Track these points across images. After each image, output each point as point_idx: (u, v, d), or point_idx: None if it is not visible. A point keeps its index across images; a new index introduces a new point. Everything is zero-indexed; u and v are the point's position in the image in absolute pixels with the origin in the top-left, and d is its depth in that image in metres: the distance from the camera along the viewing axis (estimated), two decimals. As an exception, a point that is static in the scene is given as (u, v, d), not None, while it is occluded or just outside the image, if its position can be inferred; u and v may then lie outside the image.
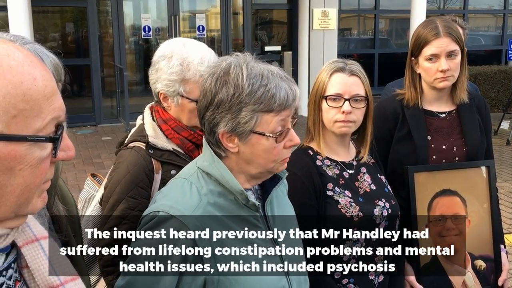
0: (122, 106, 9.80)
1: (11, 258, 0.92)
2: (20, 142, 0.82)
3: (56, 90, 0.88)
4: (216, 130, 1.37)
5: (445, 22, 2.23)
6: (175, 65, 1.85)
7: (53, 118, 0.87)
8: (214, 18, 11.78)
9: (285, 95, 1.35)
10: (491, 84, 11.51)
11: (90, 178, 2.18)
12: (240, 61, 1.38)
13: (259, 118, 1.34)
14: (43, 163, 0.87)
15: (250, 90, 1.33)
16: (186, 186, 1.41)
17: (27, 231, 0.95)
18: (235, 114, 1.34)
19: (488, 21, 15.57)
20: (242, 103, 1.33)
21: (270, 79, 1.35)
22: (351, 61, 1.97)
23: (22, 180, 0.84)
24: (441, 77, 2.19)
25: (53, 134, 0.87)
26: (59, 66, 1.41)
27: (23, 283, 0.93)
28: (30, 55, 0.87)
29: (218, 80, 1.36)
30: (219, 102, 1.35)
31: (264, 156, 1.38)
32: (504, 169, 7.46)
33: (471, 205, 2.24)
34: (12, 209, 0.86)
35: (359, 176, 2.00)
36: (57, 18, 10.80)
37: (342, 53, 11.30)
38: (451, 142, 2.28)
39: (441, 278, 2.20)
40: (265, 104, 1.33)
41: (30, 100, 0.83)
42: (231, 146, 1.38)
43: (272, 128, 1.36)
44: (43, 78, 0.86)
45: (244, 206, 1.41)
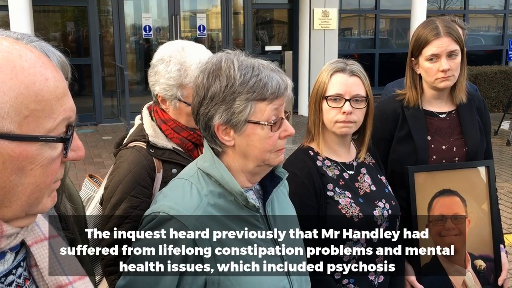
0: (122, 105, 9.81)
1: (20, 256, 0.94)
2: (32, 142, 0.83)
3: (67, 91, 0.89)
4: (211, 123, 1.39)
5: (445, 22, 2.23)
6: (173, 70, 1.86)
7: (64, 118, 0.87)
8: (214, 17, 11.79)
9: (276, 84, 1.37)
10: (492, 84, 11.50)
11: (88, 179, 2.18)
12: (230, 56, 1.40)
13: (253, 107, 1.36)
14: (54, 163, 0.87)
15: (242, 80, 1.35)
16: (187, 186, 1.41)
17: (36, 230, 0.96)
18: (229, 104, 1.35)
19: (488, 21, 15.57)
20: (236, 93, 1.35)
21: (261, 70, 1.37)
22: (352, 61, 1.97)
23: (33, 180, 0.85)
24: (442, 77, 2.19)
25: (64, 134, 0.88)
26: (65, 64, 1.42)
27: (32, 282, 0.94)
28: (42, 56, 0.88)
29: (210, 75, 1.38)
30: (213, 95, 1.37)
31: (259, 146, 1.39)
32: (504, 169, 7.47)
33: (471, 205, 2.25)
34: (22, 208, 0.87)
35: (359, 177, 2.00)
36: (57, 18, 10.80)
37: (342, 53, 11.31)
38: (451, 143, 2.29)
39: (441, 278, 2.20)
40: (258, 92, 1.35)
41: (42, 100, 0.83)
42: (227, 139, 1.39)
43: (266, 117, 1.37)
44: (55, 79, 0.87)
45: (244, 207, 1.41)
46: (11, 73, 0.81)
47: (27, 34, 1.40)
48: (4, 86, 0.80)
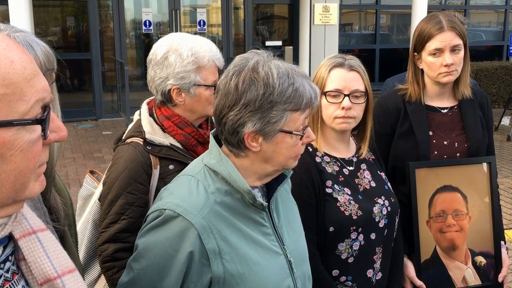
0: (122, 100, 9.79)
1: (8, 250, 0.92)
2: (7, 128, 0.81)
3: (37, 72, 0.86)
4: (242, 130, 1.33)
5: (448, 17, 2.22)
6: (189, 55, 1.85)
7: (38, 100, 0.85)
8: (215, 12, 11.76)
9: (309, 93, 1.35)
10: (492, 80, 11.48)
11: (88, 175, 2.17)
12: (265, 59, 1.36)
13: (288, 117, 1.33)
14: (35, 146, 0.85)
15: (280, 89, 1.31)
16: (193, 183, 1.39)
17: (24, 224, 0.94)
18: (265, 113, 1.31)
19: (489, 16, 15.53)
20: (273, 102, 1.31)
21: (295, 78, 1.34)
22: (350, 56, 1.95)
23: (15, 166, 0.83)
24: (445, 71, 2.18)
25: (40, 115, 0.85)
26: (50, 54, 1.39)
27: (20, 276, 0.92)
28: (6, 39, 0.85)
29: (246, 79, 1.32)
30: (248, 101, 1.31)
31: (285, 153, 1.38)
32: (504, 165, 7.47)
33: (472, 201, 2.24)
34: (9, 195, 0.85)
35: (359, 172, 1.99)
36: (57, 12, 10.77)
37: (343, 48, 11.28)
38: (452, 138, 2.28)
39: (442, 274, 2.20)
40: (295, 103, 1.33)
41: (10, 84, 0.81)
42: (254, 145, 1.36)
43: (298, 126, 1.36)
44: (21, 60, 0.84)
45: (251, 205, 1.39)
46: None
47: (10, 25, 1.39)
48: None
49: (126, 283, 1.37)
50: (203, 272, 1.31)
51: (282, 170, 1.45)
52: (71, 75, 10.75)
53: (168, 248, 1.31)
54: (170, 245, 1.31)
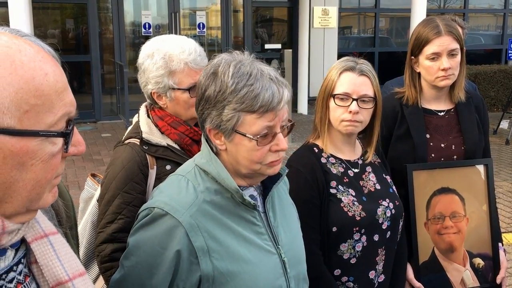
0: (122, 102, 9.81)
1: (20, 253, 0.93)
2: (32, 138, 0.82)
3: (67, 86, 0.89)
4: (204, 125, 1.39)
5: (446, 21, 2.23)
6: (158, 60, 1.88)
7: (65, 113, 0.87)
8: (214, 15, 11.78)
9: (270, 96, 1.31)
10: (491, 84, 11.51)
11: (90, 178, 2.19)
12: (231, 59, 1.37)
13: (241, 118, 1.33)
14: (55, 158, 0.87)
15: (233, 88, 1.32)
16: (183, 183, 1.41)
17: (36, 227, 0.95)
18: (219, 111, 1.34)
19: (488, 20, 15.57)
20: (225, 100, 1.33)
21: (258, 79, 1.32)
22: (362, 61, 1.95)
23: (34, 175, 0.85)
24: (443, 75, 2.19)
25: (64, 129, 0.87)
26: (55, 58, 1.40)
27: (32, 279, 0.94)
28: (41, 51, 0.88)
29: (209, 76, 1.37)
30: (207, 97, 1.36)
31: (247, 157, 1.37)
32: (503, 168, 7.47)
33: (470, 203, 2.25)
34: (24, 204, 0.86)
35: (364, 175, 2.00)
36: (57, 15, 10.79)
37: (342, 52, 11.30)
38: (449, 141, 2.29)
39: (440, 276, 2.20)
40: (247, 104, 1.31)
41: (42, 95, 0.83)
42: (219, 143, 1.39)
43: (254, 130, 1.33)
44: (55, 73, 0.87)
45: (241, 204, 1.40)
46: (10, 67, 0.81)
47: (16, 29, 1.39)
48: (3, 81, 0.79)
49: (117, 280, 1.38)
50: (192, 270, 1.32)
51: (259, 174, 1.43)
52: (70, 77, 10.56)
53: (156, 246, 1.32)
54: (158, 242, 1.32)
